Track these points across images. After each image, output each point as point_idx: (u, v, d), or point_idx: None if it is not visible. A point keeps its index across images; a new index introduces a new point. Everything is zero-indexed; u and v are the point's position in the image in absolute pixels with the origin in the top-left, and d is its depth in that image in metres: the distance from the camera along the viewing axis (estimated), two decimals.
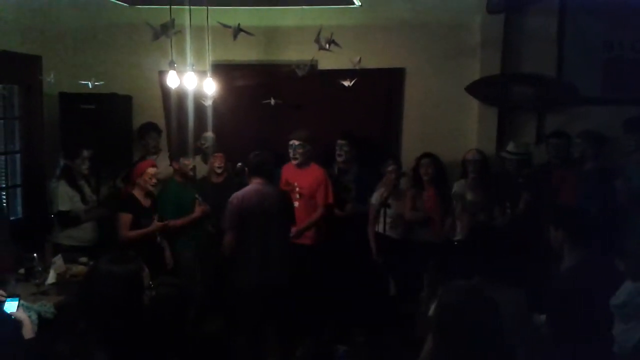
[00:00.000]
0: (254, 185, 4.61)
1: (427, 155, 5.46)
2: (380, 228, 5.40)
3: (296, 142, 5.32)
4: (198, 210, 5.19)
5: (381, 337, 5.11)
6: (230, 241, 4.52)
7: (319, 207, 5.28)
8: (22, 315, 3.02)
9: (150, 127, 6.02)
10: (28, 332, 2.95)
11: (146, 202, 5.02)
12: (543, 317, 3.21)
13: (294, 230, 5.00)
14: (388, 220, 5.36)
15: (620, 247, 3.16)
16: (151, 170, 5.00)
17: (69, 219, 5.14)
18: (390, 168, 5.43)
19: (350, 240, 5.49)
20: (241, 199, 4.52)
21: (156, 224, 4.91)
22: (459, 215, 5.30)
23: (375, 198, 5.45)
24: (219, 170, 5.56)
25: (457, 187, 5.41)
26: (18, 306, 3.09)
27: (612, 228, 4.53)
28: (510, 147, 5.43)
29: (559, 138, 5.43)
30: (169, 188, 5.33)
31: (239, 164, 5.56)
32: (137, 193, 4.99)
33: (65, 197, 5.13)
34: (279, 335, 4.69)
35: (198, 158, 5.70)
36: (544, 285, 3.31)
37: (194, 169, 5.36)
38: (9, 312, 2.99)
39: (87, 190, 5.30)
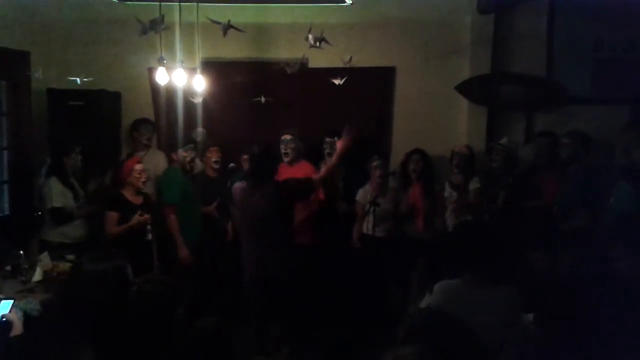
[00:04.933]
0: (245, 183, 4.59)
1: (416, 151, 5.50)
2: (367, 228, 5.37)
3: (288, 137, 5.32)
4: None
5: (368, 335, 5.11)
6: None
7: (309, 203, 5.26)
8: (14, 317, 3.00)
9: (145, 121, 6.00)
10: (16, 333, 2.94)
11: (137, 200, 5.00)
12: (530, 315, 3.23)
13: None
14: (376, 218, 5.36)
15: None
16: (138, 166, 4.98)
17: (63, 216, 5.11)
18: (375, 163, 5.45)
19: (343, 239, 5.49)
20: (233, 192, 4.64)
21: (137, 217, 4.88)
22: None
23: (360, 195, 5.46)
24: (216, 166, 5.56)
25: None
26: (11, 307, 3.09)
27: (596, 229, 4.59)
28: (504, 140, 5.48)
29: (546, 137, 5.45)
30: (170, 174, 5.33)
31: (231, 164, 5.57)
32: (126, 191, 4.97)
33: (58, 194, 5.09)
34: (273, 332, 4.68)
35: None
36: (531, 284, 3.32)
37: (192, 161, 5.34)
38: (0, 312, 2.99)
39: (77, 187, 5.28)
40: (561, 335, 3.03)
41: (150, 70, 5.73)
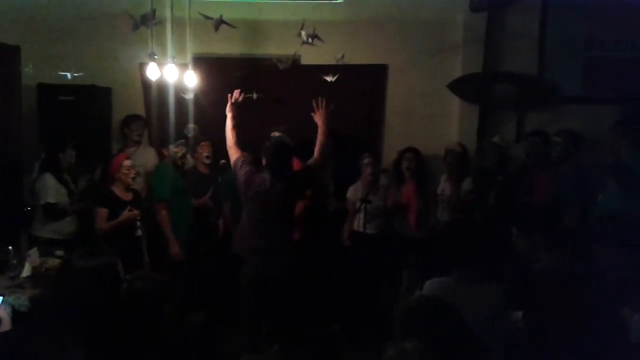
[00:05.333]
0: (260, 173, 4.51)
1: (410, 149, 5.50)
2: (358, 225, 5.38)
3: (277, 134, 5.30)
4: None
5: (359, 333, 5.11)
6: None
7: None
8: (2, 313, 2.99)
9: (137, 117, 5.97)
10: (5, 329, 2.92)
11: (126, 196, 4.98)
12: (519, 313, 3.24)
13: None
14: (367, 215, 5.37)
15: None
16: (127, 162, 4.96)
17: (57, 211, 5.07)
18: (365, 161, 5.46)
19: (333, 237, 5.48)
20: (248, 183, 4.47)
21: (126, 213, 4.86)
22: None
23: (351, 193, 5.47)
24: (207, 161, 5.54)
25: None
26: (0, 303, 3.08)
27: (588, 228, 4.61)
28: (496, 139, 5.49)
29: (537, 136, 5.46)
30: (162, 170, 5.32)
31: (223, 160, 5.55)
32: (116, 187, 4.95)
33: (53, 190, 5.05)
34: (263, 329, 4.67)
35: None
36: (520, 283, 3.33)
37: (183, 157, 5.32)
38: None
39: (70, 183, 5.25)
40: (549, 333, 3.04)
41: (142, 66, 5.70)
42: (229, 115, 4.63)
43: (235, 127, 4.62)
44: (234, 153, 4.63)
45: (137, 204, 5.00)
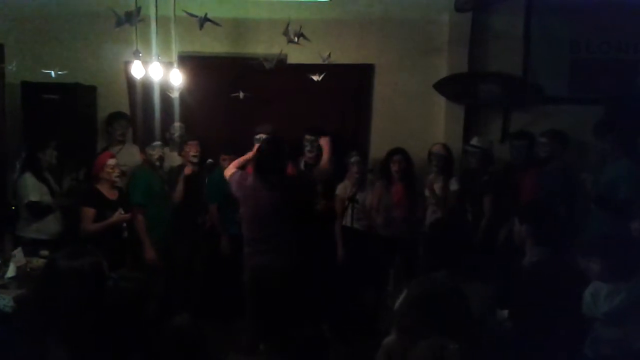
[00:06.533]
0: (250, 175, 4.50)
1: (398, 150, 5.48)
2: (347, 221, 5.41)
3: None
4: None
5: (347, 330, 5.11)
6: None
7: None
8: None
9: (120, 115, 5.91)
10: None
11: (112, 195, 4.96)
12: (506, 312, 3.25)
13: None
14: (354, 213, 5.37)
15: (585, 247, 3.20)
16: (111, 161, 4.93)
17: (41, 209, 5.02)
18: (353, 160, 5.46)
19: (322, 236, 5.48)
20: (232, 187, 4.53)
21: (119, 215, 4.83)
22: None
23: (340, 190, 5.47)
24: (194, 160, 5.51)
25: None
26: None
27: (575, 226, 4.65)
28: (474, 141, 5.50)
29: (521, 139, 5.47)
30: (139, 174, 5.29)
31: (209, 160, 5.53)
32: (102, 186, 4.93)
33: (34, 188, 5.01)
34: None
35: (167, 149, 5.62)
36: (506, 281, 3.35)
37: (159, 159, 5.28)
38: None
39: (52, 182, 5.20)
40: (535, 332, 3.06)
41: (126, 64, 5.66)
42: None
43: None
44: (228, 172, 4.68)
45: (124, 202, 4.97)
